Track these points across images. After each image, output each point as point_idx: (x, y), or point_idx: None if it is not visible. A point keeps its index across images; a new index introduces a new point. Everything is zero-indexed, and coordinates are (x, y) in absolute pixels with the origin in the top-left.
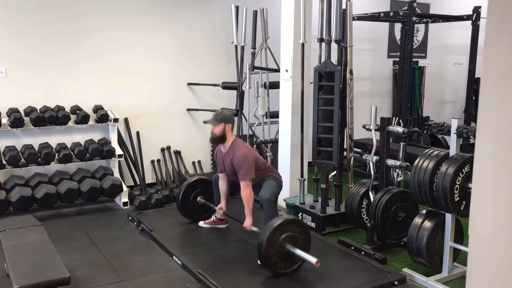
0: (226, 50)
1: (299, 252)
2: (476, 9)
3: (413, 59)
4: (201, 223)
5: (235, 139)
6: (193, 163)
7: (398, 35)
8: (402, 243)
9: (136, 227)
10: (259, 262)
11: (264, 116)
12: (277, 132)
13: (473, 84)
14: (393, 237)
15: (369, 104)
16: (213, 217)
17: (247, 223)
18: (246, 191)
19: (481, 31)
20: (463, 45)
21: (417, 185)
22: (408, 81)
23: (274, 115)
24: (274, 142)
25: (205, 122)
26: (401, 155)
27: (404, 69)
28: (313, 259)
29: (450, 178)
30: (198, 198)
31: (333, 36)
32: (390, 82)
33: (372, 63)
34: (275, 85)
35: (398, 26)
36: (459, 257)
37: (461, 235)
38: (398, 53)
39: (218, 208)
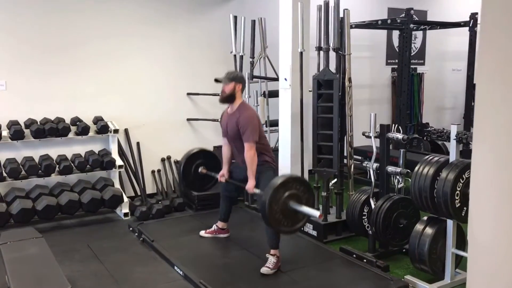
0: (224, 59)
1: (302, 208)
2: (473, 16)
3: (412, 66)
4: (202, 233)
5: (243, 102)
6: None
7: (396, 43)
8: (404, 250)
9: (137, 237)
10: (261, 271)
11: (264, 125)
12: (277, 141)
13: (472, 90)
14: (394, 244)
15: (368, 111)
16: (214, 227)
17: (250, 185)
18: (250, 152)
19: (478, 37)
20: (461, 51)
21: (418, 191)
22: (407, 87)
23: (274, 123)
24: (274, 151)
25: (216, 80)
26: (401, 161)
27: (402, 76)
28: (316, 213)
29: (450, 184)
30: (200, 169)
31: (331, 45)
32: (389, 89)
33: (370, 70)
34: (274, 94)
35: (396, 34)
36: (462, 263)
37: (463, 241)
38: (397, 60)
39: (220, 175)
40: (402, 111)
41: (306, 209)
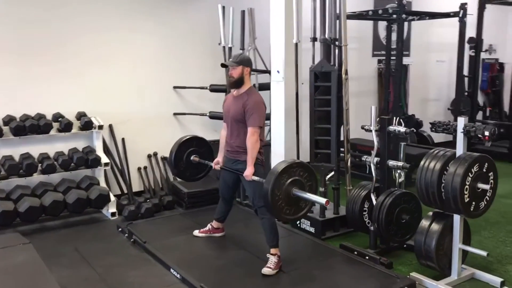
0: (212, 51)
1: (307, 195)
2: (463, 6)
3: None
4: (196, 232)
5: (252, 87)
6: None
7: (382, 34)
8: (405, 246)
9: (127, 239)
10: (263, 272)
11: None
12: (267, 135)
13: (462, 81)
14: (397, 240)
15: (354, 103)
16: (208, 226)
17: (248, 172)
18: (252, 138)
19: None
20: (445, 43)
21: (425, 186)
22: (399, 79)
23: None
24: (266, 145)
25: (223, 65)
26: (401, 155)
27: (395, 68)
28: (322, 200)
29: (460, 179)
30: (192, 157)
31: (327, 35)
32: (375, 81)
33: (357, 62)
34: (264, 87)
35: (382, 25)
36: (467, 258)
37: (468, 236)
38: (383, 52)
39: (215, 162)
40: (394, 104)
41: (311, 197)
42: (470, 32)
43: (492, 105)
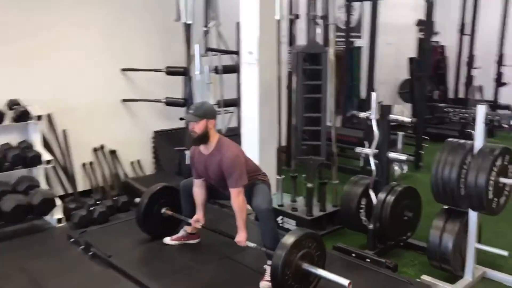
0: (165, 28)
1: (323, 272)
2: None
3: (350, 39)
4: (167, 240)
5: (220, 137)
6: (132, 163)
7: (337, 14)
8: (401, 244)
9: (83, 252)
10: (261, 286)
11: (217, 105)
12: (230, 123)
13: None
14: (400, 240)
15: None
16: (182, 232)
17: (241, 237)
18: (238, 199)
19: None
20: (393, 24)
21: (442, 182)
22: (372, 62)
23: (229, 103)
24: (234, 135)
25: (182, 119)
26: (400, 146)
27: (370, 50)
28: (344, 281)
29: (485, 175)
30: (163, 210)
31: (317, 12)
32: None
33: None
34: (229, 69)
35: (338, 3)
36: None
37: (479, 234)
38: (338, 33)
39: (194, 220)
40: (369, 89)
41: (330, 276)
42: (418, 14)
43: (438, 89)
